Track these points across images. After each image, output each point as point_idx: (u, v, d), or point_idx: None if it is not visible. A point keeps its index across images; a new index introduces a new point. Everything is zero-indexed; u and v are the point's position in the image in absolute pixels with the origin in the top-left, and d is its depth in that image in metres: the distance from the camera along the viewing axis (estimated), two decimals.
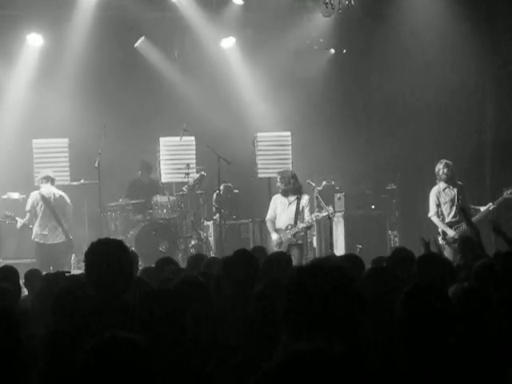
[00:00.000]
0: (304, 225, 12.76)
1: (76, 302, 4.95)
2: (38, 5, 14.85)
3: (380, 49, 15.71)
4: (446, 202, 12.71)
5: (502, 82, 15.24)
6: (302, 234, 12.91)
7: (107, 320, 4.47)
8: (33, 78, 15.63)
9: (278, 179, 13.00)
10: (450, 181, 12.69)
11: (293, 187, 12.83)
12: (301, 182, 13.08)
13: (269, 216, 13.05)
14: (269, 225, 13.03)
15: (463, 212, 10.69)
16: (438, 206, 12.71)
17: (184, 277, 5.69)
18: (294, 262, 11.84)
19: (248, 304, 4.78)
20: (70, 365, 3.04)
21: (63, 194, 13.75)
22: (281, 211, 12.90)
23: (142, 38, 15.99)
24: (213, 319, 5.17)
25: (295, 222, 12.76)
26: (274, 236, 12.85)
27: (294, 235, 12.74)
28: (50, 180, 13.74)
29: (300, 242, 12.85)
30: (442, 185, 12.74)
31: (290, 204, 12.87)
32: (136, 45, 16.05)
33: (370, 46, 15.82)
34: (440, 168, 12.74)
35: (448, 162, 12.77)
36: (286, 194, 12.87)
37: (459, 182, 12.78)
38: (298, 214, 12.79)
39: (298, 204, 12.82)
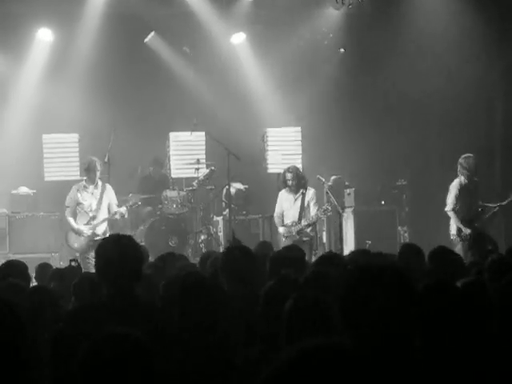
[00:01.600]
0: (307, 222, 12.73)
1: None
2: (49, 0, 14.86)
3: (391, 45, 15.65)
4: (465, 198, 12.57)
5: (511, 77, 15.20)
6: (309, 230, 12.88)
7: (116, 316, 4.47)
8: (43, 73, 15.68)
9: (284, 176, 12.99)
10: (473, 176, 12.59)
11: (297, 183, 12.82)
12: (306, 177, 13.08)
13: (276, 212, 13.08)
14: (276, 221, 13.07)
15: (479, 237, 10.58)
16: (459, 200, 12.56)
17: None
18: None
19: (251, 300, 4.79)
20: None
21: None
22: (288, 207, 12.92)
23: (152, 33, 15.99)
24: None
25: (299, 219, 12.75)
26: (281, 229, 12.87)
27: (297, 232, 12.73)
28: None
29: (305, 238, 12.79)
30: (463, 179, 12.60)
31: (295, 200, 12.88)
32: (146, 40, 16.05)
33: (381, 43, 15.76)
34: (471, 163, 12.56)
35: (473, 157, 12.66)
36: (290, 190, 12.87)
37: (475, 179, 12.69)
38: (303, 210, 12.79)
39: (302, 200, 12.82)
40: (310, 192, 12.93)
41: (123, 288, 4.69)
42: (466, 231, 12.37)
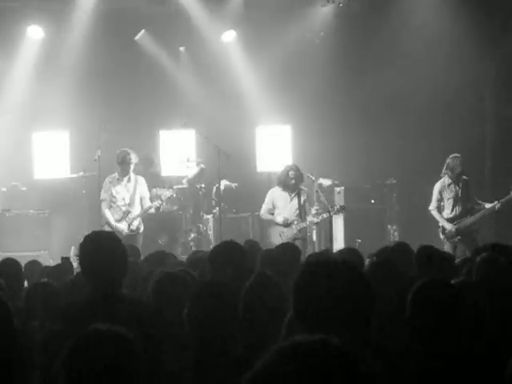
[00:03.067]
0: (313, 220, 12.73)
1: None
2: None
3: (381, 44, 15.67)
4: (449, 198, 12.69)
5: (501, 76, 15.25)
6: (305, 228, 12.91)
7: (101, 313, 4.45)
8: (33, 70, 15.62)
9: (286, 173, 12.88)
10: (458, 177, 12.67)
11: (296, 182, 12.79)
12: (302, 176, 13.07)
13: (264, 209, 12.96)
14: (266, 216, 12.95)
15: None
16: (440, 200, 12.71)
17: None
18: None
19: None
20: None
21: None
22: (283, 205, 12.83)
23: (143, 31, 15.97)
24: None
25: (300, 217, 12.72)
26: (279, 218, 12.76)
27: (300, 230, 12.72)
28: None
29: (301, 236, 12.84)
30: (447, 180, 12.71)
31: (291, 199, 12.82)
32: (136, 38, 16.02)
33: (371, 42, 15.78)
34: (456, 164, 12.66)
35: (460, 157, 12.74)
36: (288, 188, 12.81)
37: (464, 177, 12.75)
38: (302, 208, 12.77)
39: (299, 199, 12.79)
40: (305, 191, 12.93)
41: (108, 285, 4.67)
42: (450, 229, 12.52)
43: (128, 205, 12.77)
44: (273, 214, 12.84)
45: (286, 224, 12.66)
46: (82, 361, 2.86)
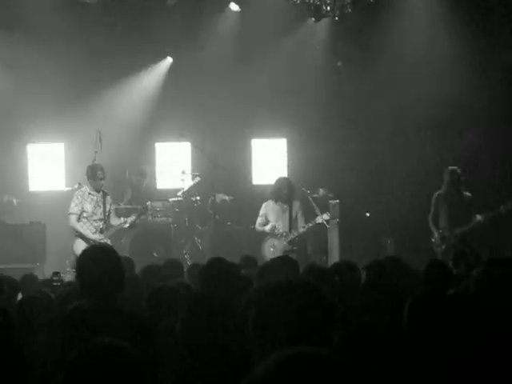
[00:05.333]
0: (299, 231, 12.77)
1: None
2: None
3: (375, 56, 15.72)
4: (444, 208, 12.73)
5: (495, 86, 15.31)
6: (297, 240, 12.91)
7: (99, 327, 4.46)
8: (29, 80, 15.55)
9: (277, 186, 12.96)
10: (455, 189, 12.73)
11: (288, 194, 12.83)
12: (294, 189, 13.09)
13: (258, 223, 13.01)
14: (258, 229, 12.99)
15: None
16: (436, 210, 12.74)
17: None
18: None
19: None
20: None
21: None
22: (275, 218, 12.88)
23: None
24: None
25: (290, 229, 12.76)
26: (267, 226, 12.80)
27: (289, 242, 12.74)
28: None
29: (295, 248, 12.86)
30: (442, 190, 12.81)
31: (284, 211, 12.87)
32: None
33: (366, 54, 15.82)
34: (448, 176, 12.78)
35: (458, 169, 12.82)
36: (281, 200, 12.85)
37: (464, 192, 12.81)
38: (292, 221, 12.80)
39: (290, 211, 12.83)
40: (297, 204, 12.96)
41: (106, 298, 4.67)
42: (437, 236, 12.58)
43: (99, 220, 12.55)
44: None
45: (273, 231, 12.70)
46: (85, 374, 2.85)
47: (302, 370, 2.05)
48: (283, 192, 12.83)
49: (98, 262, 4.74)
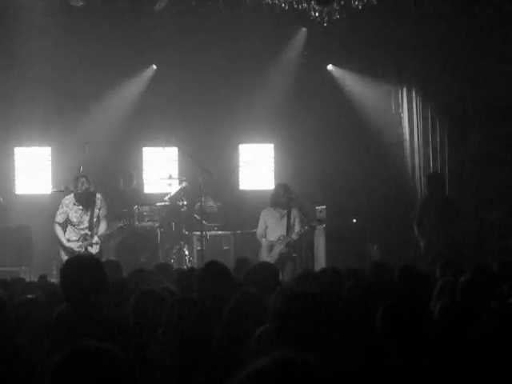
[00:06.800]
0: (296, 236, 12.84)
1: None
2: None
3: (362, 63, 15.80)
4: (427, 214, 12.81)
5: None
6: (294, 244, 12.99)
7: (83, 334, 4.47)
8: (17, 84, 15.53)
9: (277, 192, 13.02)
10: (437, 194, 12.81)
11: (287, 201, 12.91)
12: (292, 194, 13.15)
13: (259, 231, 13.05)
14: (260, 239, 13.05)
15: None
16: (423, 216, 12.80)
17: None
18: (288, 275, 11.98)
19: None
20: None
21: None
22: (274, 224, 12.94)
23: None
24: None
25: (287, 234, 12.83)
26: (265, 241, 12.88)
27: (286, 245, 12.79)
28: None
29: (294, 254, 12.98)
30: (426, 195, 12.92)
31: (282, 217, 12.94)
32: None
33: (353, 60, 15.88)
34: (429, 181, 12.93)
35: (440, 174, 12.95)
36: (280, 206, 12.91)
37: (450, 197, 12.94)
38: (290, 227, 12.88)
39: (288, 217, 12.91)
40: (296, 211, 13.04)
41: (89, 307, 4.68)
42: (420, 244, 12.66)
43: (87, 228, 12.46)
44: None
45: (271, 249, 12.78)
46: (68, 377, 2.87)
47: (290, 375, 2.09)
48: (281, 198, 12.91)
49: (80, 273, 4.75)
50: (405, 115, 16.01)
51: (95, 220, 12.50)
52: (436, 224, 12.66)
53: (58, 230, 12.44)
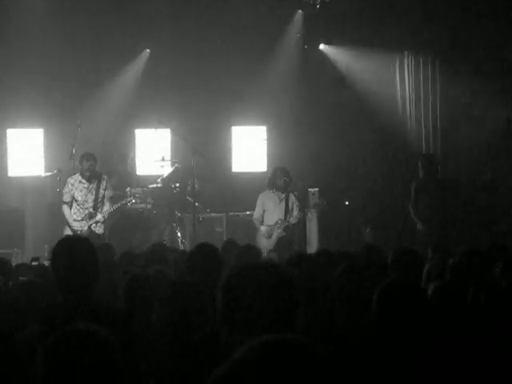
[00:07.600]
0: (295, 220, 12.86)
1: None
2: None
3: (355, 46, 15.76)
4: (422, 195, 12.83)
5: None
6: (293, 228, 13.02)
7: (73, 316, 4.46)
8: (10, 66, 15.46)
9: (275, 175, 13.01)
10: (431, 175, 12.84)
11: (284, 183, 12.89)
12: (290, 177, 13.13)
13: (256, 214, 13.06)
14: (256, 222, 13.05)
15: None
16: (416, 196, 12.83)
17: None
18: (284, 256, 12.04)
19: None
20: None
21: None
22: (272, 207, 12.94)
23: None
24: None
25: (285, 218, 12.83)
26: (263, 228, 12.88)
27: (284, 229, 12.81)
28: None
29: (292, 239, 13.02)
30: (419, 177, 12.92)
31: (280, 201, 12.94)
32: None
33: (347, 43, 15.85)
34: (422, 162, 12.94)
35: (433, 155, 12.96)
36: (278, 190, 12.90)
37: (440, 178, 12.99)
38: (288, 210, 12.89)
39: (287, 201, 12.91)
40: (294, 195, 13.04)
41: (80, 290, 4.67)
42: (419, 226, 12.67)
43: (92, 207, 12.69)
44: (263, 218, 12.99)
45: (270, 235, 12.79)
46: (60, 359, 2.88)
47: (283, 358, 2.02)
48: (279, 181, 12.89)
49: (71, 255, 4.73)
50: (400, 84, 16.01)
51: (100, 200, 12.71)
52: (430, 205, 12.68)
53: (66, 210, 12.71)
